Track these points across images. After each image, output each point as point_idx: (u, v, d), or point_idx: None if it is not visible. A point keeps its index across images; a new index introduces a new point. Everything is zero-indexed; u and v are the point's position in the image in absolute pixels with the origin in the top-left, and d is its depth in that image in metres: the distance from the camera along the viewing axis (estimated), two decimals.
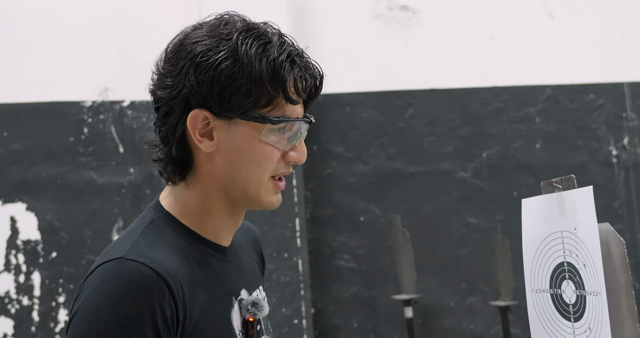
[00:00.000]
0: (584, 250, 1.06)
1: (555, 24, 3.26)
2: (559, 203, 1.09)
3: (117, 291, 1.02)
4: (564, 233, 1.10)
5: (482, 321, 3.13)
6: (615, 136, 3.22)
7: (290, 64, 1.11)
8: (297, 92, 1.13)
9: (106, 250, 1.12)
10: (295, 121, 1.14)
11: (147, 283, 1.02)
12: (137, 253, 1.06)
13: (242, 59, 1.09)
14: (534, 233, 1.18)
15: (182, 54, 1.13)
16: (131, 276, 1.02)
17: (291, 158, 1.16)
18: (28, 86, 2.96)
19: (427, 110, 3.19)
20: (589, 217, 1.04)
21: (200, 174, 1.15)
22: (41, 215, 2.91)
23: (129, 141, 3.02)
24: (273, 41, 1.12)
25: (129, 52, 3.05)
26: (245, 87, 1.09)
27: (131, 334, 1.01)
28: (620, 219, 3.17)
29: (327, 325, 3.11)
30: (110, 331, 1.01)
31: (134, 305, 1.01)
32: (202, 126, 1.12)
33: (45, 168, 2.95)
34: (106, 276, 1.04)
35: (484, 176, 3.18)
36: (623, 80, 3.24)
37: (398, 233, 2.97)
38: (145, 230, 1.12)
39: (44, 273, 2.89)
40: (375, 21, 3.23)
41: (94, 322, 1.01)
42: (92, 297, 1.03)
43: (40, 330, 2.86)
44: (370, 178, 3.17)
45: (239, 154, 1.12)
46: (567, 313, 1.15)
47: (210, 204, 1.16)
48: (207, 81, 1.09)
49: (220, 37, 1.12)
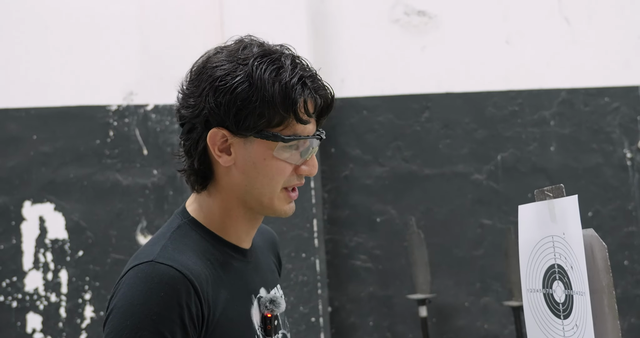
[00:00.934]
0: (571, 253, 1.13)
1: (570, 28, 3.31)
2: (550, 209, 1.17)
3: (148, 291, 1.14)
4: (555, 237, 1.17)
5: (496, 321, 3.19)
6: (630, 139, 3.26)
7: (301, 87, 1.22)
8: (307, 112, 1.24)
9: (137, 253, 1.24)
10: (306, 138, 1.25)
11: (175, 284, 1.14)
12: (166, 256, 1.18)
13: (256, 83, 1.20)
14: (529, 236, 1.26)
15: (204, 77, 1.24)
16: (161, 277, 1.15)
17: (303, 171, 1.27)
18: (57, 90, 3.08)
19: (443, 113, 3.26)
20: (574, 223, 1.12)
21: (220, 185, 1.27)
22: (68, 215, 3.02)
23: (152, 144, 3.12)
24: (285, 65, 1.22)
25: (152, 58, 3.15)
26: (259, 109, 1.20)
27: (161, 330, 1.13)
28: (634, 221, 3.21)
29: (344, 324, 3.19)
30: (142, 326, 1.12)
31: (164, 303, 1.13)
32: (221, 142, 1.24)
33: (72, 169, 3.06)
34: (138, 277, 1.16)
35: (498, 179, 3.24)
36: (638, 84, 3.28)
37: (413, 235, 3.05)
38: (173, 235, 1.24)
39: (71, 271, 3.00)
40: (392, 26, 3.30)
41: (129, 319, 1.13)
42: (126, 296, 1.15)
43: (67, 325, 2.98)
44: (387, 180, 3.24)
45: (254, 168, 1.24)
46: (558, 311, 1.22)
47: (231, 211, 1.28)
48: (225, 103, 1.21)
49: (237, 63, 1.23)
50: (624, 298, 3.19)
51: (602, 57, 3.29)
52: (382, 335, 3.19)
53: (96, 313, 2.99)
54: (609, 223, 3.22)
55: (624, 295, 3.19)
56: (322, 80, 1.27)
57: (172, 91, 3.34)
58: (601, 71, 3.29)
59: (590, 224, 3.20)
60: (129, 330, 1.12)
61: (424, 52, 3.29)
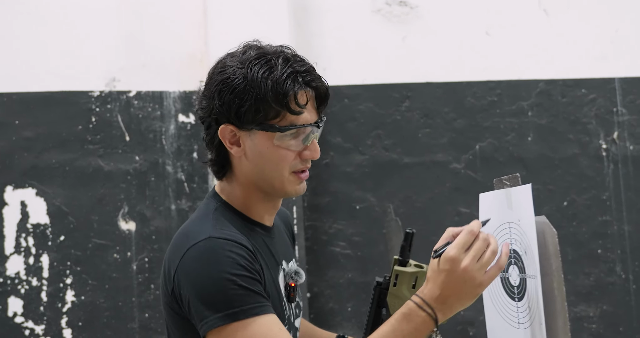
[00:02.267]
0: (525, 238, 1.18)
1: (549, 19, 3.35)
2: (507, 197, 1.22)
3: (219, 260, 1.31)
4: (511, 224, 1.23)
5: (472, 307, 3.23)
6: (606, 131, 3.31)
7: (291, 82, 1.39)
8: (298, 104, 1.40)
9: (185, 233, 1.40)
10: (302, 127, 1.41)
11: (239, 251, 1.33)
12: (220, 232, 1.36)
13: (251, 82, 1.39)
14: (489, 223, 1.31)
15: (212, 81, 1.45)
16: (225, 247, 1.32)
17: (305, 156, 1.44)
18: (39, 76, 3.09)
19: (423, 103, 3.30)
20: (528, 210, 1.17)
21: (237, 173, 1.46)
22: (50, 199, 3.05)
23: (135, 130, 3.15)
24: (277, 64, 1.40)
25: (135, 44, 3.17)
26: (255, 105, 1.39)
27: (245, 285, 1.30)
28: (608, 211, 3.27)
29: (323, 309, 3.25)
30: (228, 287, 1.28)
31: (238, 264, 1.31)
32: (230, 136, 1.43)
33: (54, 154, 3.08)
34: (203, 252, 1.32)
35: (477, 168, 3.29)
36: (615, 75, 3.33)
37: (391, 222, 3.09)
38: (214, 215, 1.42)
39: (52, 256, 3.03)
40: (374, 16, 3.34)
41: (214, 286, 1.29)
42: (202, 273, 1.31)
43: (49, 309, 3.01)
44: (367, 168, 3.29)
45: (261, 157, 1.42)
46: (513, 294, 1.28)
47: (251, 194, 1.46)
48: (227, 102, 1.41)
49: (237, 66, 1.42)
50: (597, 286, 3.25)
51: (580, 49, 3.34)
52: (360, 321, 3.25)
53: (77, 298, 3.03)
54: (584, 212, 3.28)
55: (597, 283, 3.25)
56: (316, 74, 1.44)
57: (155, 78, 3.39)
58: (579, 63, 3.34)
59: (566, 213, 3.26)
60: (221, 295, 1.28)
61: (405, 42, 3.33)
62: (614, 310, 3.26)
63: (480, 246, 1.27)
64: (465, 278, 1.27)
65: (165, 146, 3.16)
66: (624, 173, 3.29)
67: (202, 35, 3.20)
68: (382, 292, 1.36)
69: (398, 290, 1.32)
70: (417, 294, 1.32)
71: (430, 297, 1.30)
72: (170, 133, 3.17)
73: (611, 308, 3.26)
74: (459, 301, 1.30)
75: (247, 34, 3.14)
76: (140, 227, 3.09)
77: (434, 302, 1.29)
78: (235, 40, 3.14)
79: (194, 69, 3.22)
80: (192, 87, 3.20)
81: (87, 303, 3.03)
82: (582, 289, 3.25)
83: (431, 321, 1.28)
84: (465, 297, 1.29)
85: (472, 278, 1.27)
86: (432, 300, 1.29)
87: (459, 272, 1.28)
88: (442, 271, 1.30)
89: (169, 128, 3.17)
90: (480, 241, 1.28)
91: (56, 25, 3.11)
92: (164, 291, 1.41)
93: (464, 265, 1.28)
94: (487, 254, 1.26)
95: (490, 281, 1.28)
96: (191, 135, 3.18)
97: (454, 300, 1.29)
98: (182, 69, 3.21)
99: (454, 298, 1.29)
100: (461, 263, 1.28)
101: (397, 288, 1.32)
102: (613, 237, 3.27)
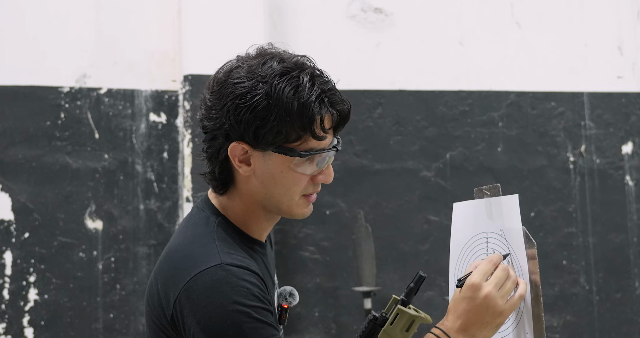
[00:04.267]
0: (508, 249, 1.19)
1: (521, 32, 3.40)
2: (487, 207, 1.22)
3: (233, 290, 1.22)
4: (489, 234, 1.24)
5: (439, 315, 3.26)
6: (573, 143, 3.37)
7: (318, 105, 1.27)
8: (323, 129, 1.29)
9: (186, 258, 1.28)
10: (322, 153, 1.30)
11: (252, 280, 1.24)
12: (230, 257, 1.26)
13: (275, 102, 1.26)
14: (462, 232, 1.33)
15: (225, 92, 1.30)
16: (238, 276, 1.23)
17: (319, 180, 1.34)
18: (6, 69, 3.03)
19: (395, 110, 3.32)
20: (514, 221, 1.17)
21: (241, 191, 1.35)
22: (15, 196, 2.99)
23: (104, 128, 3.10)
24: (304, 83, 1.27)
25: (108, 41, 3.13)
26: (277, 127, 1.27)
27: (259, 317, 1.21)
28: (574, 223, 3.33)
29: (290, 313, 3.21)
30: (242, 321, 1.20)
31: (252, 295, 1.22)
32: (241, 154, 1.31)
33: (21, 150, 3.02)
34: (215, 281, 1.23)
35: (446, 176, 3.32)
36: (583, 90, 3.39)
37: (361, 228, 3.10)
38: (218, 235, 1.31)
39: (16, 253, 2.96)
40: (349, 22, 3.34)
41: (228, 319, 1.20)
42: (212, 299, 1.21)
43: (10, 308, 2.94)
44: (338, 174, 3.28)
45: (272, 179, 1.31)
46: None
47: (252, 213, 1.36)
48: (245, 121, 1.27)
49: (257, 80, 1.28)
50: (561, 296, 3.30)
51: (550, 63, 3.39)
52: (327, 326, 3.24)
53: (40, 296, 2.97)
54: (550, 224, 3.32)
55: (561, 293, 3.30)
56: (339, 93, 1.31)
57: (127, 75, 3.34)
58: (549, 76, 3.39)
59: (533, 224, 3.31)
60: (233, 328, 1.19)
61: (378, 48, 3.34)
62: (577, 320, 3.31)
63: (502, 275, 1.24)
64: (488, 306, 1.24)
65: (135, 145, 3.12)
66: (590, 185, 3.35)
67: (175, 33, 3.17)
68: (375, 328, 1.33)
69: (393, 329, 1.29)
70: (437, 326, 1.29)
71: (451, 328, 1.27)
72: (141, 132, 3.13)
73: (574, 318, 3.31)
74: (481, 331, 1.25)
75: (221, 33, 3.14)
76: (107, 226, 3.05)
77: (454, 332, 1.26)
78: (209, 39, 3.14)
79: (166, 67, 3.19)
80: (164, 86, 3.17)
81: (51, 302, 2.97)
82: (547, 299, 3.29)
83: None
84: (487, 326, 1.24)
85: (494, 305, 1.23)
86: (452, 331, 1.26)
87: (481, 299, 1.24)
88: (464, 299, 1.27)
89: (140, 126, 3.13)
90: (501, 270, 1.24)
91: (27, 19, 3.06)
92: (157, 314, 1.30)
93: (486, 292, 1.24)
94: (508, 283, 1.24)
95: (512, 310, 1.24)
96: (162, 135, 3.14)
97: (476, 330, 1.25)
98: (155, 67, 3.18)
99: (476, 327, 1.25)
100: (483, 290, 1.25)
101: (393, 327, 1.30)
102: (578, 249, 3.32)
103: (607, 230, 3.36)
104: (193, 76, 3.10)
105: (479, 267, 1.27)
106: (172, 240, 1.36)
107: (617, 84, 3.43)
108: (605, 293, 3.33)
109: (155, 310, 1.30)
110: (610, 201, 3.37)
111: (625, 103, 3.43)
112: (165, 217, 3.10)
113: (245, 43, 1.45)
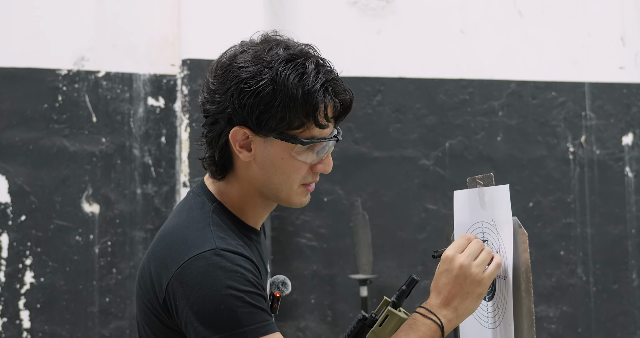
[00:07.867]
0: (498, 239, 1.19)
1: (523, 21, 3.37)
2: (480, 197, 1.22)
3: (227, 274, 1.21)
4: (484, 223, 1.23)
5: None
6: (573, 134, 3.35)
7: (322, 93, 1.28)
8: (326, 117, 1.30)
9: (180, 242, 1.27)
10: (324, 141, 1.31)
11: (247, 266, 1.24)
12: (225, 242, 1.26)
13: (280, 87, 1.27)
14: (462, 220, 1.32)
15: (229, 75, 1.30)
16: (232, 261, 1.23)
17: (318, 169, 1.34)
18: (4, 51, 3.01)
19: (395, 98, 3.30)
20: (505, 211, 1.17)
21: (239, 176, 1.35)
22: (12, 178, 2.98)
23: (102, 111, 3.08)
24: (309, 71, 1.27)
25: (107, 24, 3.11)
26: (281, 113, 1.27)
27: (252, 302, 1.21)
28: (573, 213, 3.32)
29: (286, 300, 3.22)
30: (237, 305, 1.20)
31: (246, 280, 1.22)
32: (242, 139, 1.31)
33: (18, 132, 3.00)
34: (208, 265, 1.22)
35: (445, 165, 3.30)
36: (585, 80, 3.37)
37: (358, 215, 3.09)
38: (213, 220, 1.31)
39: (12, 236, 2.96)
40: (350, 9, 3.32)
41: (221, 303, 1.20)
42: (205, 286, 1.21)
43: (6, 290, 2.94)
44: (336, 161, 3.25)
45: (272, 166, 1.31)
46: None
47: (249, 199, 1.35)
48: (249, 105, 1.27)
49: (262, 65, 1.28)
50: (558, 287, 3.30)
51: (552, 52, 3.37)
52: (323, 313, 3.24)
53: (36, 279, 2.96)
54: (549, 214, 3.31)
55: (558, 284, 3.29)
56: (343, 82, 1.32)
57: (125, 59, 3.32)
58: (551, 66, 3.37)
59: (531, 214, 3.30)
60: (227, 312, 1.19)
61: (379, 35, 3.32)
62: (573, 311, 3.31)
63: (476, 247, 1.26)
64: (465, 275, 1.26)
65: (133, 129, 3.10)
66: (590, 176, 3.34)
67: (175, 17, 3.15)
68: (364, 328, 1.33)
69: (382, 330, 1.30)
70: (422, 305, 1.30)
71: (434, 304, 1.29)
72: (139, 116, 3.11)
73: (571, 309, 3.31)
74: (462, 302, 1.26)
75: (221, 18, 3.12)
76: (104, 210, 3.04)
77: (437, 308, 1.28)
78: (209, 24, 3.12)
79: (165, 51, 3.17)
80: (163, 70, 3.15)
81: (47, 286, 2.96)
82: (544, 290, 3.28)
83: (437, 328, 1.27)
84: (468, 296, 1.26)
85: (470, 274, 1.25)
86: (435, 306, 1.28)
87: (457, 269, 1.26)
88: (442, 273, 1.29)
89: (138, 110, 3.11)
90: (475, 243, 1.27)
91: (26, 1, 3.03)
92: (149, 297, 1.29)
93: (460, 261, 1.27)
94: (483, 253, 1.26)
95: (491, 278, 1.25)
96: (160, 119, 3.13)
97: (458, 303, 1.26)
98: (154, 51, 3.16)
99: (457, 299, 1.26)
100: (457, 260, 1.27)
101: (382, 328, 1.30)
102: (576, 239, 3.31)
103: (606, 221, 3.35)
104: (192, 61, 3.08)
105: (453, 242, 1.30)
106: (166, 223, 1.35)
107: (619, 75, 3.42)
108: (602, 284, 3.33)
109: (147, 292, 1.29)
110: (609, 192, 3.36)
111: (627, 94, 3.41)
112: (162, 201, 3.09)
113: (245, 28, 1.43)
